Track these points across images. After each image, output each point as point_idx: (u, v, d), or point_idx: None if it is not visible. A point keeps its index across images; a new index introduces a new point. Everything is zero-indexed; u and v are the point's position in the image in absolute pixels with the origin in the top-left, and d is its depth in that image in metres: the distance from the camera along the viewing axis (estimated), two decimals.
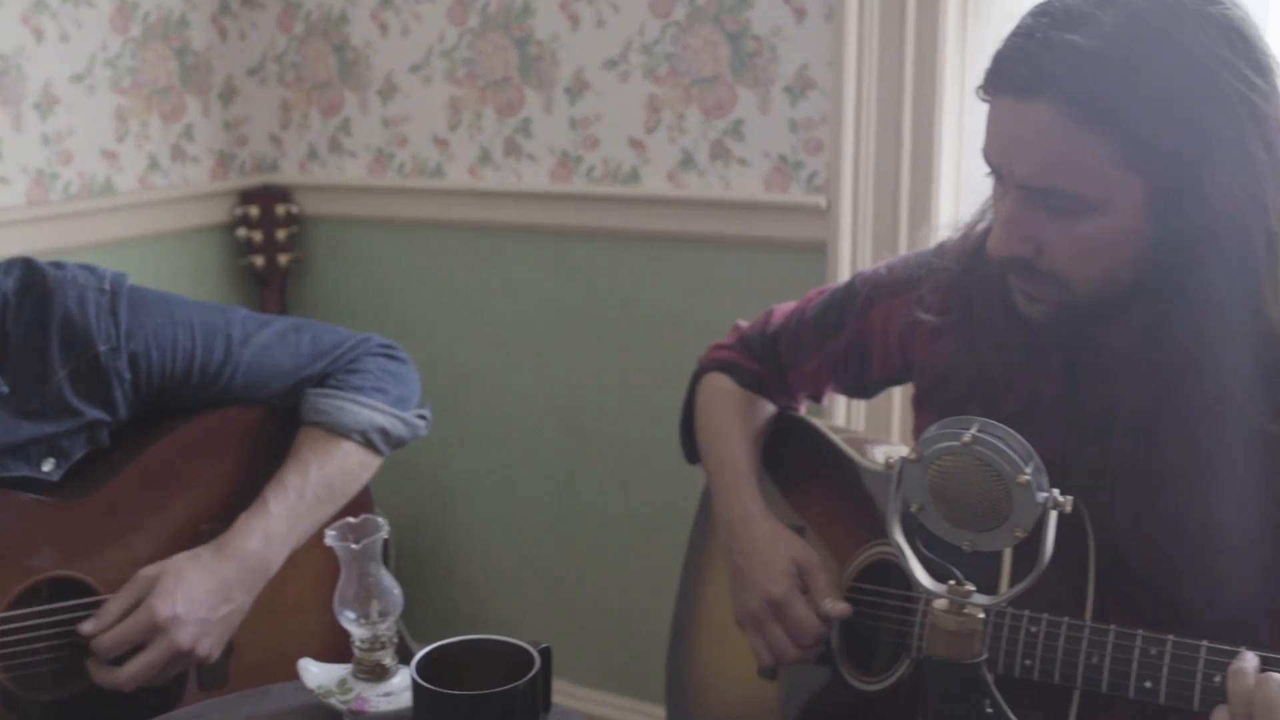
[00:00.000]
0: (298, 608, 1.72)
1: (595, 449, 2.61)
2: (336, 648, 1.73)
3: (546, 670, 1.18)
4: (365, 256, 2.82)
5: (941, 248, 1.55)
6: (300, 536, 1.66)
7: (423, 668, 1.14)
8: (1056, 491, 0.91)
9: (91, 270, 1.62)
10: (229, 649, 1.63)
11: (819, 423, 1.74)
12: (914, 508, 0.97)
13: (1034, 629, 1.30)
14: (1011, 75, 1.22)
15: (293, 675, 1.68)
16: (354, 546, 1.23)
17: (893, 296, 1.59)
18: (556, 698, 1.25)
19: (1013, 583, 1.33)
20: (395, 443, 1.74)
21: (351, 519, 1.28)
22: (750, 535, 1.58)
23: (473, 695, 1.08)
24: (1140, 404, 1.29)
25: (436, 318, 2.74)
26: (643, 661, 2.61)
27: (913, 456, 0.94)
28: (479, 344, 2.70)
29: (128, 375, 1.59)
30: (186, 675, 1.62)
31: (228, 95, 2.81)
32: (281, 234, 2.81)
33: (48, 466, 1.58)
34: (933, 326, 1.51)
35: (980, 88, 1.27)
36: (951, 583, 0.96)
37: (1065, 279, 1.27)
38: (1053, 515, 0.91)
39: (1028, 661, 1.29)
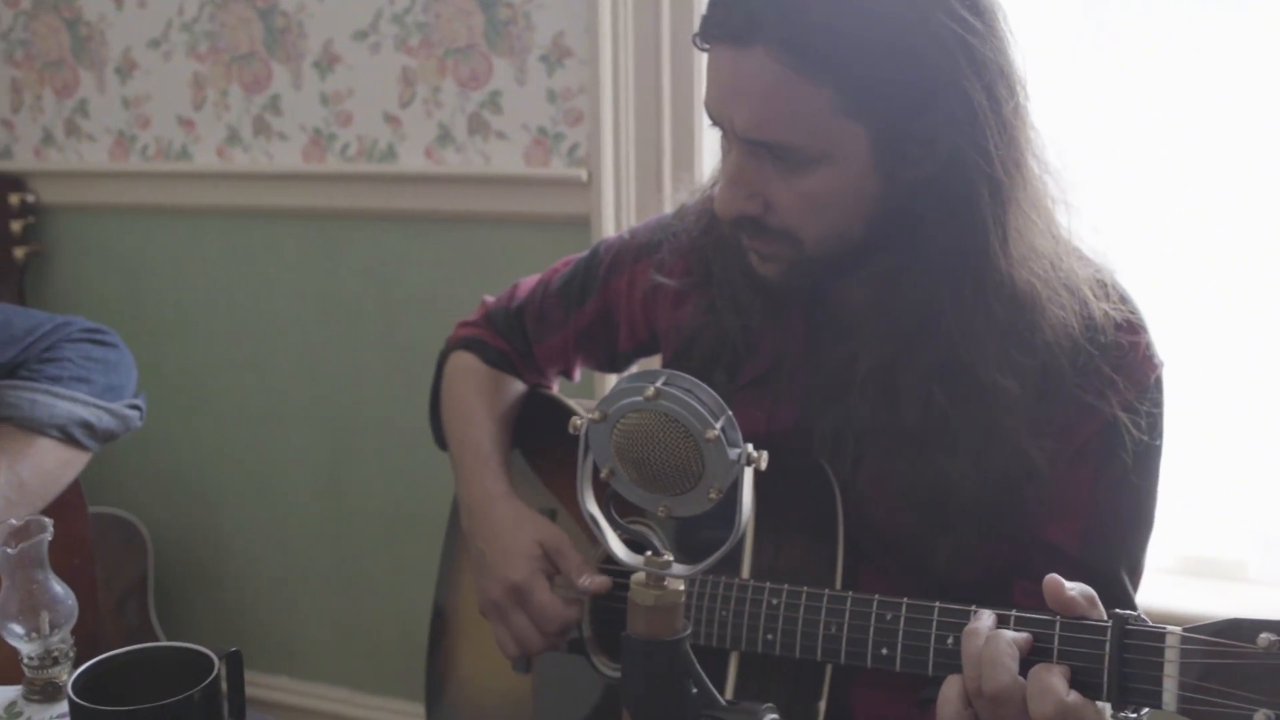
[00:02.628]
0: None
1: (360, 441, 2.48)
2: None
3: (237, 676, 1.07)
4: (110, 246, 2.63)
5: (681, 210, 1.49)
6: None
7: (86, 683, 1.01)
8: (750, 447, 0.83)
9: None
10: None
11: (568, 399, 1.65)
12: (604, 473, 0.89)
13: (775, 601, 1.24)
14: (725, 22, 1.16)
15: None
16: (10, 551, 1.09)
17: (635, 262, 1.53)
18: (329, 705, 1.14)
19: (772, 555, 1.28)
20: (104, 436, 1.59)
21: (14, 521, 1.13)
22: (491, 518, 1.48)
23: (133, 710, 0.96)
24: (879, 362, 1.25)
25: (188, 309, 2.57)
26: (420, 662, 2.50)
27: (596, 416, 0.86)
28: (235, 335, 2.55)
29: None
30: None
31: None
32: (16, 225, 2.60)
33: None
34: (675, 292, 1.45)
35: (697, 35, 1.21)
36: (649, 553, 0.88)
37: (795, 236, 1.22)
38: (748, 473, 0.84)
39: (769, 636, 1.23)
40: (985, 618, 1.07)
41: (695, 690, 0.88)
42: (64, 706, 1.14)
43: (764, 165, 1.19)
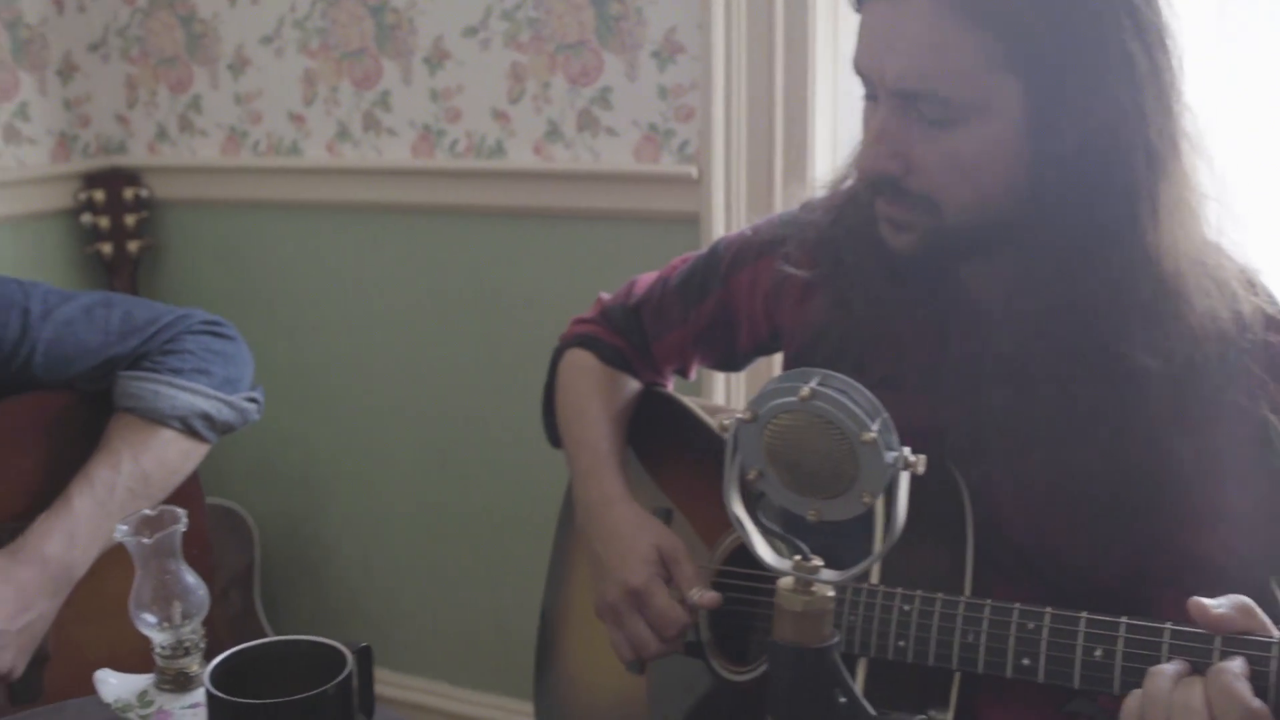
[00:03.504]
0: (117, 611, 1.57)
1: (466, 436, 2.48)
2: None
3: (367, 672, 1.06)
4: (220, 240, 2.66)
5: (808, 204, 1.46)
6: (111, 536, 1.51)
7: (221, 675, 1.01)
8: (908, 450, 0.81)
9: None
10: (42, 659, 1.48)
11: (685, 399, 1.63)
12: (752, 475, 0.87)
13: (907, 608, 1.20)
14: None
15: None
16: (146, 541, 1.09)
17: (759, 259, 1.50)
18: (428, 698, 1.13)
19: (901, 561, 1.25)
20: (222, 429, 1.60)
21: (148, 511, 1.14)
22: (609, 521, 1.47)
23: (276, 703, 0.95)
24: (1013, 353, 1.21)
25: (298, 303, 2.59)
26: (518, 659, 2.49)
27: (747, 416, 0.83)
28: (342, 329, 2.57)
29: None
30: None
31: (67, 72, 2.63)
32: (130, 219, 2.64)
33: None
34: (800, 287, 1.42)
35: None
36: (797, 558, 0.86)
37: (935, 201, 1.18)
38: (904, 477, 0.81)
39: (901, 643, 1.20)
40: (1171, 666, 1.01)
41: (843, 700, 0.85)
42: (194, 697, 1.14)
43: (910, 123, 1.16)
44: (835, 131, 2.13)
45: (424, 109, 2.37)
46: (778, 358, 1.59)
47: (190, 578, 1.14)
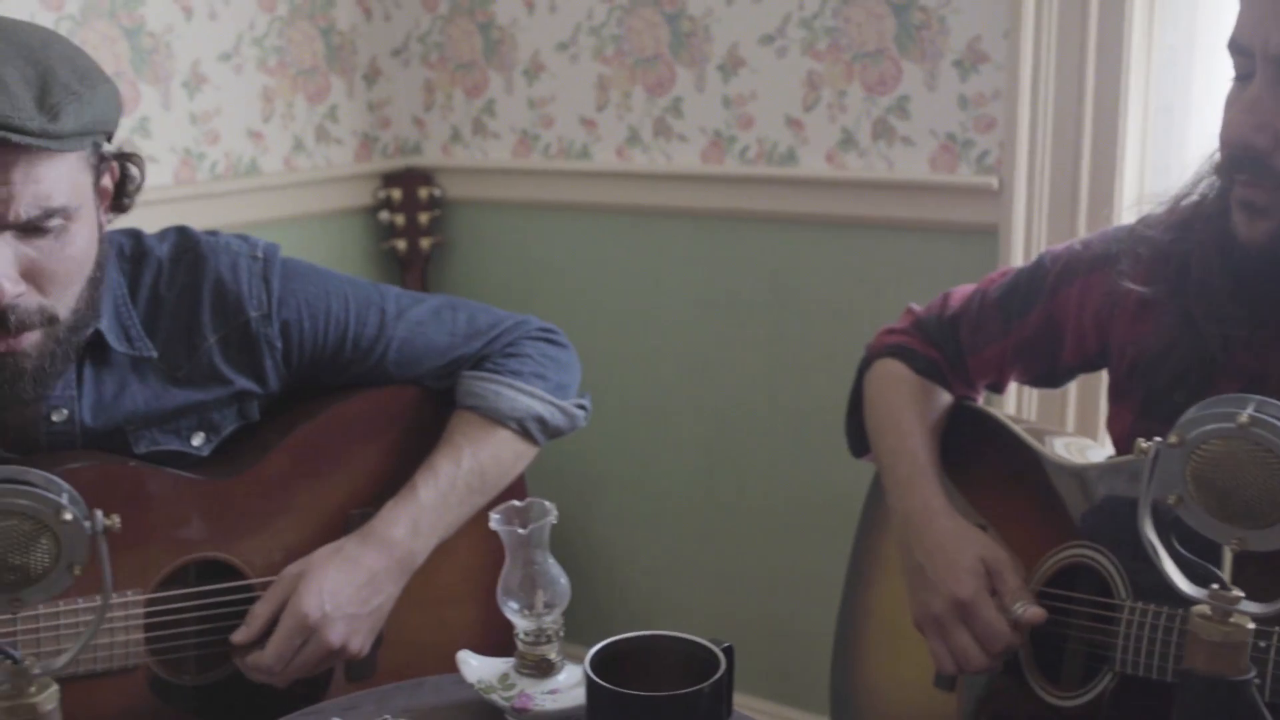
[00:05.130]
0: (448, 598, 1.65)
1: (741, 441, 2.50)
2: (488, 640, 1.66)
3: (729, 672, 1.08)
4: (508, 240, 2.76)
5: (1146, 219, 1.42)
6: (449, 526, 1.58)
7: (594, 665, 1.04)
8: None
9: (245, 239, 1.58)
10: (378, 640, 1.56)
11: (1000, 414, 1.61)
12: (1171, 499, 0.85)
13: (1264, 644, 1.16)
14: None
15: (441, 667, 1.62)
16: (521, 531, 1.14)
17: (1089, 274, 1.47)
18: None
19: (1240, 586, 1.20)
20: (552, 433, 1.66)
21: (517, 502, 1.19)
22: (933, 531, 1.46)
23: (657, 697, 0.98)
24: None
25: (580, 303, 2.66)
26: (789, 665, 2.50)
27: (1174, 440, 0.82)
28: (624, 330, 2.62)
29: (279, 344, 1.54)
30: (334, 667, 1.55)
31: (371, 76, 2.76)
32: (424, 217, 2.76)
33: (197, 441, 1.53)
34: (1136, 303, 1.38)
35: None
36: (1215, 586, 0.84)
37: None
38: None
39: None
40: None
41: None
42: (553, 683, 1.19)
43: None
44: (1144, 143, 2.06)
45: (716, 115, 2.40)
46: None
47: (554, 569, 1.18)
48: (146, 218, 1.58)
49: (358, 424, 1.62)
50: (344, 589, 1.46)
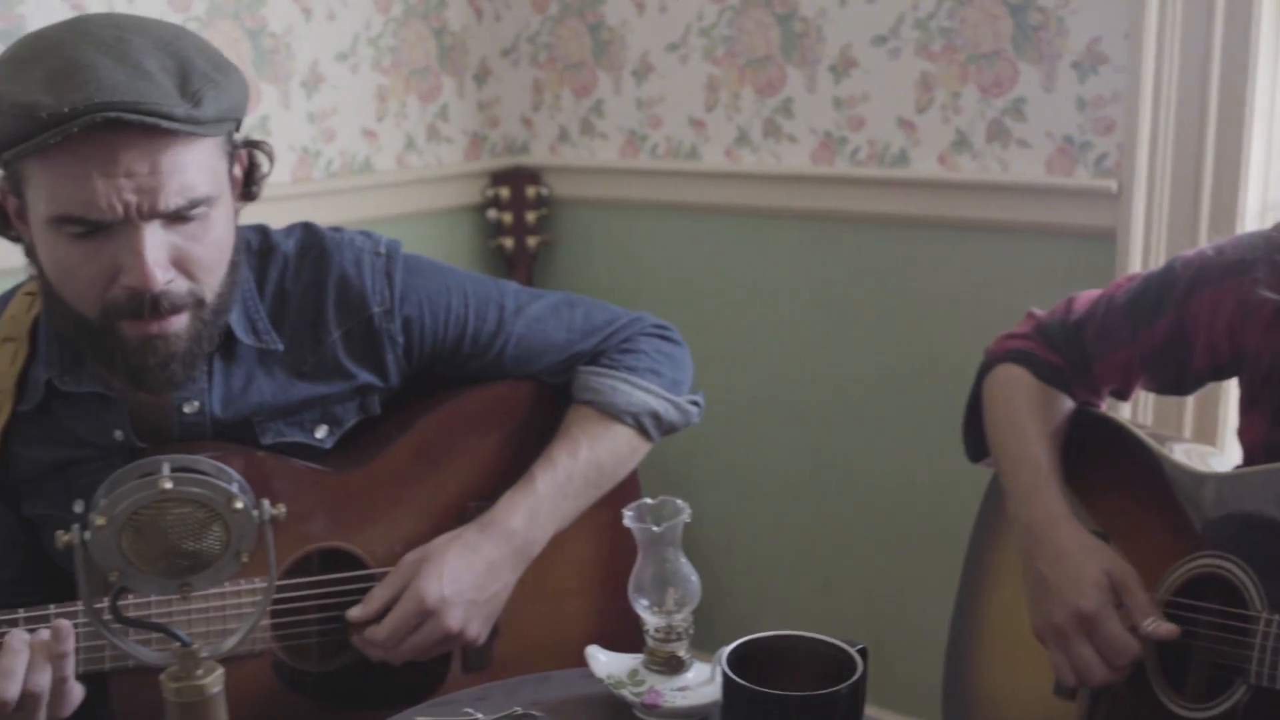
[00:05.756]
0: (562, 591, 1.67)
1: (845, 444, 2.49)
2: (602, 634, 1.67)
3: (863, 674, 1.08)
4: (614, 240, 2.77)
5: None
6: (565, 518, 1.60)
7: (732, 661, 1.05)
8: None
9: (368, 235, 1.61)
10: (493, 631, 1.58)
11: (1124, 419, 1.59)
12: None
13: None
14: None
15: (554, 660, 1.64)
16: (655, 529, 1.15)
17: (1222, 280, 1.44)
18: None
19: None
20: (667, 428, 1.67)
21: (649, 500, 1.20)
22: (1055, 541, 1.44)
23: (795, 696, 0.99)
24: None
25: (685, 303, 2.67)
26: (893, 672, 2.48)
27: None
28: (728, 332, 2.62)
29: (400, 339, 1.57)
30: (450, 657, 1.58)
31: (482, 76, 2.80)
32: (531, 216, 2.79)
33: (320, 433, 1.56)
34: (1273, 311, 1.36)
35: None
36: None
37: None
38: None
39: None
40: None
41: None
42: (682, 680, 1.20)
43: None
44: (1270, 148, 2.02)
45: (827, 116, 2.40)
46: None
47: (686, 567, 1.19)
48: (264, 214, 1.62)
49: (476, 418, 1.64)
50: (463, 575, 1.48)
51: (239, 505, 0.98)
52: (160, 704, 1.34)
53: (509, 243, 2.78)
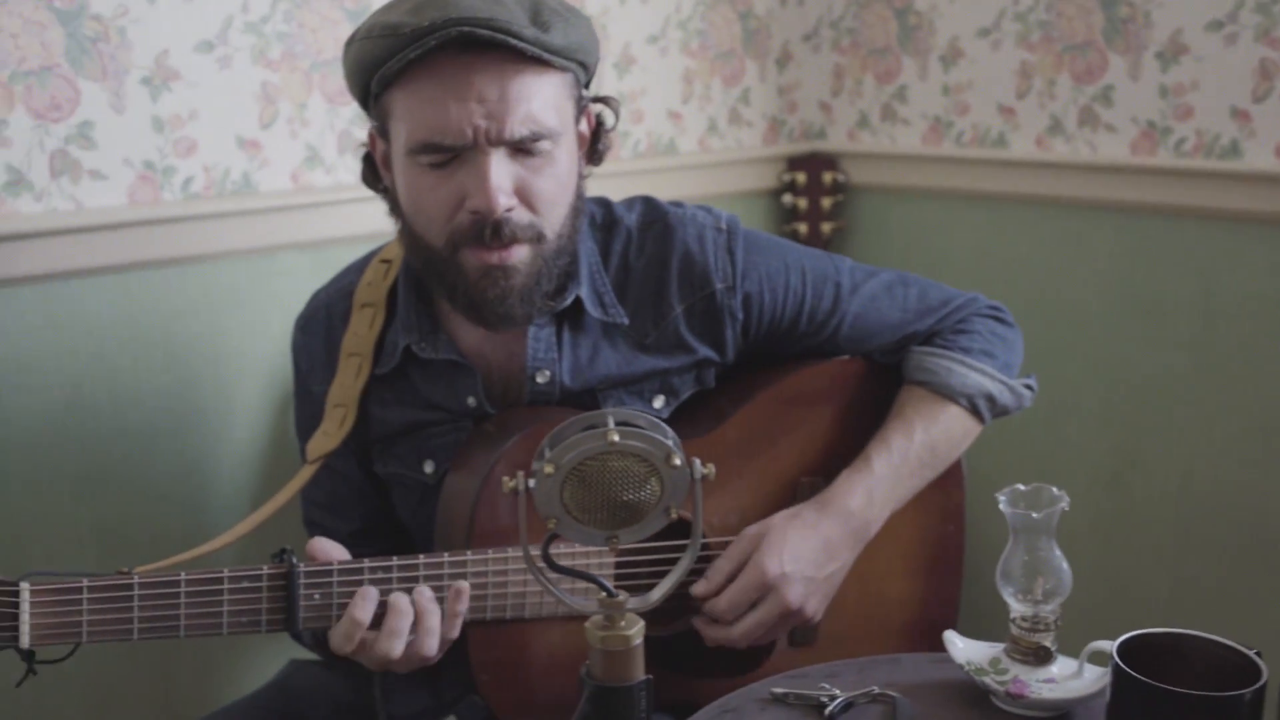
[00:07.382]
0: (885, 573, 1.66)
1: (1153, 445, 2.39)
2: (921, 618, 1.67)
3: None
4: (912, 228, 2.74)
5: None
6: (900, 499, 1.59)
7: (1120, 655, 1.02)
8: None
9: (708, 210, 1.63)
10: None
11: None
12: None
13: None
14: None
15: (875, 640, 1.63)
16: (1035, 516, 1.13)
17: None
18: None
19: None
20: (999, 411, 1.64)
21: (1021, 486, 1.18)
22: None
23: (1200, 696, 0.95)
24: None
25: (985, 294, 2.60)
26: None
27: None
28: (1031, 326, 2.53)
29: (740, 316, 1.58)
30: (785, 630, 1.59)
31: (783, 60, 2.80)
32: (826, 202, 2.77)
33: (658, 403, 1.60)
34: None
35: None
36: None
37: None
38: None
39: None
40: None
41: None
42: (1048, 672, 1.17)
43: None
44: None
45: (1151, 105, 2.30)
46: None
47: (1059, 558, 1.16)
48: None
49: (808, 394, 1.65)
50: (803, 552, 1.49)
51: (676, 461, 1.01)
52: (515, 652, 1.39)
53: (803, 228, 2.77)
